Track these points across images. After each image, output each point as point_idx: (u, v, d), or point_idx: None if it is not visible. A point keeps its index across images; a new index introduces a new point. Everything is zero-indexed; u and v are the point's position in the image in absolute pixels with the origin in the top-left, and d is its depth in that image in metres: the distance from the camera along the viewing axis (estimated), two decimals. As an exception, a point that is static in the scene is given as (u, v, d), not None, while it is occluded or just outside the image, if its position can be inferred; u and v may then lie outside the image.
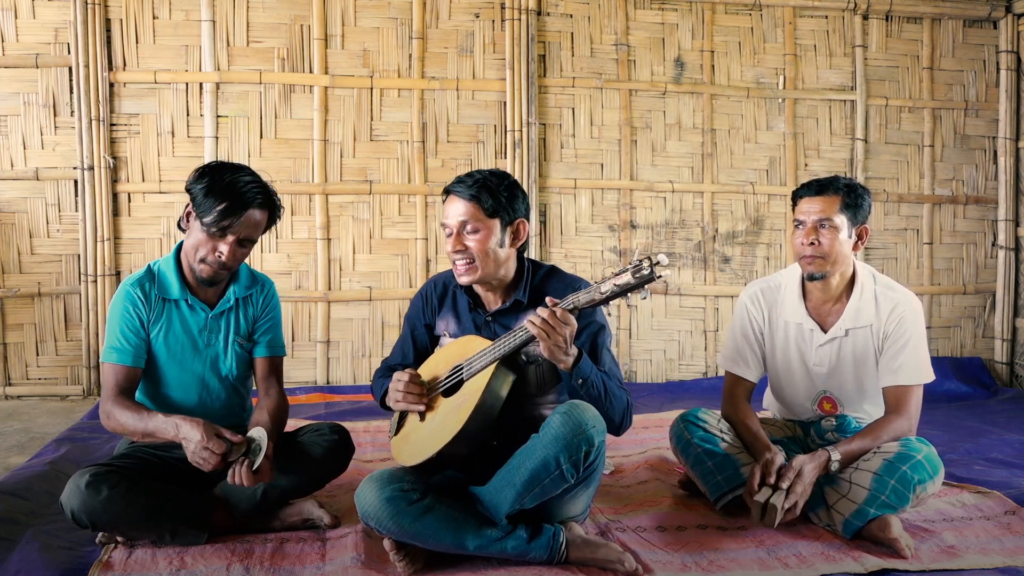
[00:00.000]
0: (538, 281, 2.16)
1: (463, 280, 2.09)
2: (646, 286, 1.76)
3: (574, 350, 1.94)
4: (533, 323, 1.86)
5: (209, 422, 2.01)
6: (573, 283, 2.14)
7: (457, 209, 2.07)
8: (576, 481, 1.94)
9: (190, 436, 1.97)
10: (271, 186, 2.22)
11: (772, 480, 2.14)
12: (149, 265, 2.26)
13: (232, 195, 2.09)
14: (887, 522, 2.08)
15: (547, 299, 1.90)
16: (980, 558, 2.06)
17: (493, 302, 2.18)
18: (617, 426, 2.07)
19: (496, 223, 2.07)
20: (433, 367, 2.15)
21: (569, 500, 2.03)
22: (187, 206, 2.16)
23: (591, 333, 2.11)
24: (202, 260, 2.14)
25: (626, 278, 1.77)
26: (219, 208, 2.08)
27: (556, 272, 2.20)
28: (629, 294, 1.79)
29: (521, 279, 2.15)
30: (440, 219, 4.27)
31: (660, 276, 1.75)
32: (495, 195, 2.06)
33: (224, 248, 2.11)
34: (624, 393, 2.08)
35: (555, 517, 2.05)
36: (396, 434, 2.17)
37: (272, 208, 2.20)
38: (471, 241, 2.06)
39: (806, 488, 2.14)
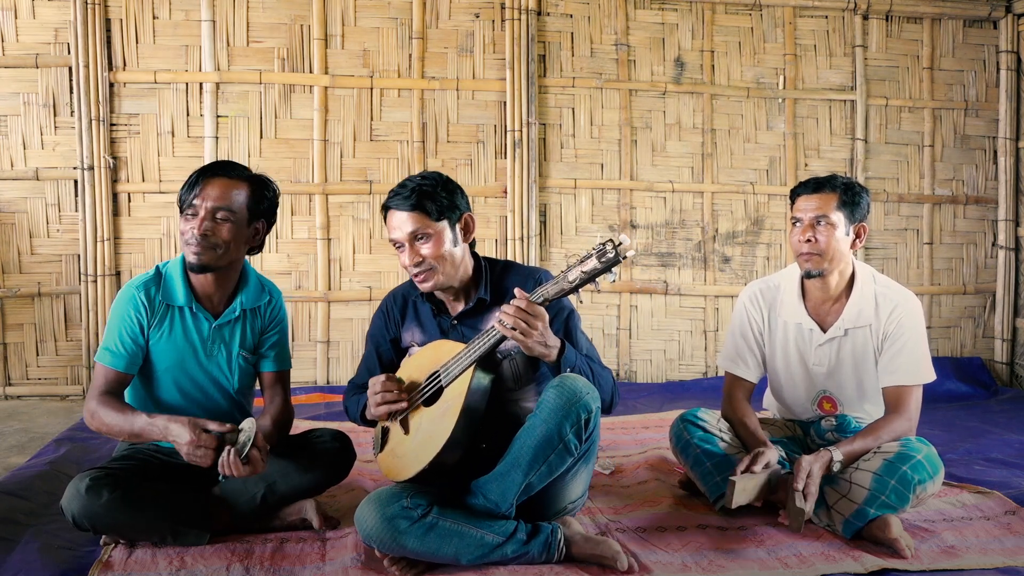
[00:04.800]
0: (497, 277, 2.16)
1: (426, 287, 2.08)
2: (612, 268, 1.77)
3: (555, 341, 1.94)
4: (503, 323, 1.85)
5: (194, 418, 1.98)
6: (533, 274, 2.15)
7: (402, 222, 2.05)
8: (579, 454, 1.95)
9: (180, 437, 1.95)
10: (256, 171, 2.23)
11: (756, 469, 2.14)
12: (158, 266, 2.22)
13: (194, 174, 2.14)
14: (887, 522, 2.07)
15: (516, 291, 1.88)
16: (980, 558, 2.06)
17: (456, 304, 2.16)
18: (608, 405, 2.08)
19: (444, 224, 2.06)
20: (406, 377, 2.11)
21: (570, 479, 2.04)
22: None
23: (563, 319, 2.11)
24: (187, 244, 2.11)
25: (592, 263, 1.78)
26: (182, 190, 2.13)
27: (513, 266, 2.20)
28: (597, 279, 1.80)
29: (480, 277, 2.14)
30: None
31: (625, 257, 1.76)
32: (435, 198, 2.04)
33: (196, 224, 2.09)
34: (607, 372, 2.09)
35: (557, 503, 2.06)
36: (381, 451, 2.13)
37: (251, 182, 2.17)
38: (425, 249, 2.04)
39: (816, 490, 2.14)
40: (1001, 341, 4.72)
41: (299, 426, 3.03)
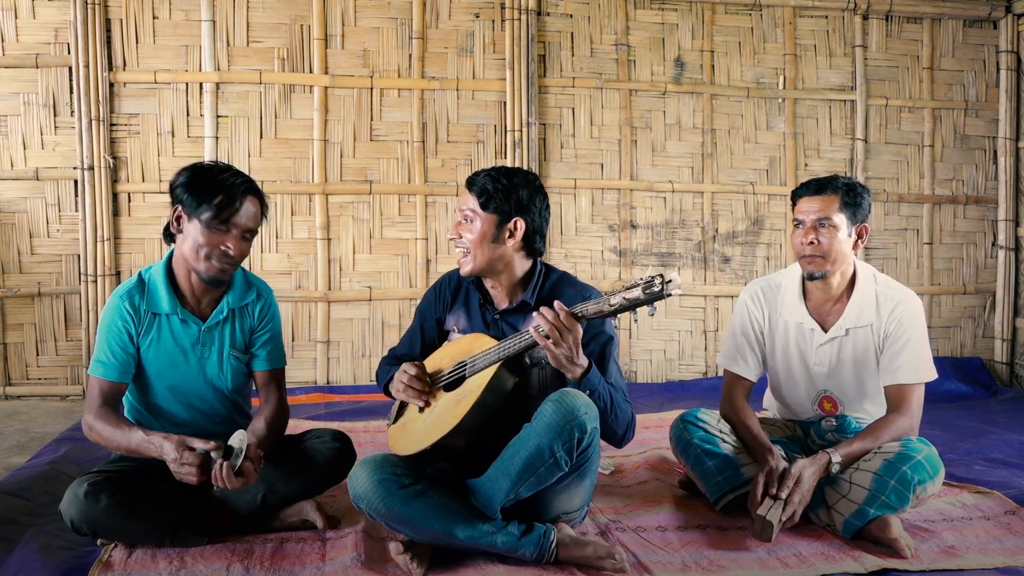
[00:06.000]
0: (549, 286, 2.17)
1: (463, 270, 2.13)
2: (655, 303, 1.77)
3: (583, 360, 1.93)
4: (538, 328, 1.86)
5: (180, 436, 1.98)
6: (584, 290, 2.14)
7: (464, 198, 2.14)
8: (571, 469, 1.94)
9: (167, 455, 1.95)
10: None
11: (774, 490, 2.13)
12: (140, 274, 2.20)
13: (224, 188, 2.07)
14: (887, 522, 2.08)
15: (555, 303, 1.89)
16: (980, 558, 2.06)
17: (502, 300, 2.19)
18: (620, 439, 2.08)
19: (490, 217, 2.09)
20: (438, 360, 2.16)
21: (565, 493, 2.03)
22: (175, 210, 2.11)
23: (600, 343, 2.11)
24: (207, 257, 2.08)
25: (636, 293, 1.78)
26: (216, 202, 2.05)
27: (567, 278, 2.21)
28: (637, 309, 1.80)
29: (531, 281, 2.16)
30: (441, 219, 4.32)
31: (670, 294, 1.76)
32: (493, 191, 2.09)
33: (230, 243, 2.08)
34: (629, 406, 2.08)
35: (552, 512, 2.05)
36: (394, 423, 2.19)
37: (261, 198, 2.17)
38: (465, 231, 2.11)
39: (805, 495, 2.14)
40: (1001, 341, 4.72)
41: (300, 426, 3.04)
